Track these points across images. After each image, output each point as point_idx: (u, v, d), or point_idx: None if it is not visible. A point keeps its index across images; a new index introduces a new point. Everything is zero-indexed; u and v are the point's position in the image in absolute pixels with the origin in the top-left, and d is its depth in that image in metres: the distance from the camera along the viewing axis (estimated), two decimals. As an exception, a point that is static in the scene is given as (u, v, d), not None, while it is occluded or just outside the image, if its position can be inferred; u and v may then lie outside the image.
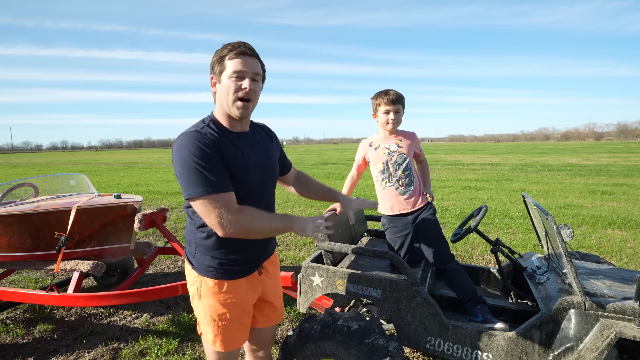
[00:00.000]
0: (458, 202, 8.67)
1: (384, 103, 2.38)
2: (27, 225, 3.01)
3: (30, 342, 2.93)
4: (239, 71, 1.39)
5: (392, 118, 2.38)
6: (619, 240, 5.35)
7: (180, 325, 3.11)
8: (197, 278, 1.53)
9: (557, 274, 2.13)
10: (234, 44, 1.41)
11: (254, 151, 1.53)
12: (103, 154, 75.24)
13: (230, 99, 1.41)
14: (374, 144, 2.49)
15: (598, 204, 8.11)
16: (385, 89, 2.42)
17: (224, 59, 1.41)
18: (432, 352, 2.01)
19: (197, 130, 1.39)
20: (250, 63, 1.41)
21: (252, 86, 1.42)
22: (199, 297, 1.53)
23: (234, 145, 1.46)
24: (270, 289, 1.72)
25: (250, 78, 1.41)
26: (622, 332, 1.62)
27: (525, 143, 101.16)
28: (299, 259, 4.78)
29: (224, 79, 1.41)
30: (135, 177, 17.04)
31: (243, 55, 1.40)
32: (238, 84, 1.40)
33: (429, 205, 2.48)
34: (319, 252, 2.48)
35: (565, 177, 13.48)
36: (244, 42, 1.43)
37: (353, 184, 2.67)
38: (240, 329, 1.58)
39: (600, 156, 25.88)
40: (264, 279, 1.67)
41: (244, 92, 1.40)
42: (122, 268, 3.98)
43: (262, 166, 1.55)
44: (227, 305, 1.51)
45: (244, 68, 1.39)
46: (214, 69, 1.45)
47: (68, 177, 4.09)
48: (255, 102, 1.48)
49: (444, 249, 2.38)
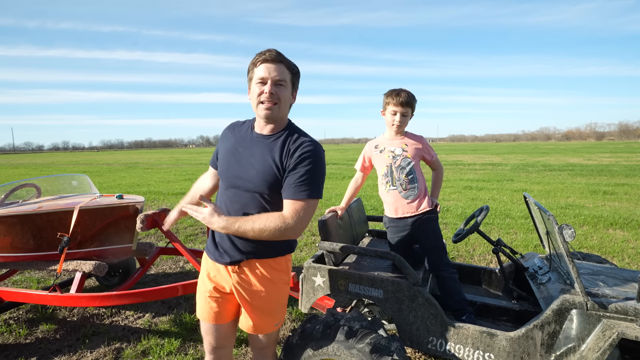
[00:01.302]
0: (459, 202, 8.67)
1: (393, 103, 2.35)
2: (30, 226, 3.02)
3: (33, 342, 2.94)
4: (262, 77, 1.51)
5: (398, 120, 2.36)
6: (621, 241, 5.34)
7: (182, 326, 3.11)
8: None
9: (559, 274, 2.13)
10: (261, 52, 1.53)
11: (254, 155, 1.58)
12: (104, 154, 75.40)
13: (254, 103, 1.55)
14: (380, 146, 2.48)
15: (599, 204, 8.10)
16: (398, 89, 2.38)
17: (253, 66, 1.54)
18: (434, 352, 2.01)
19: (236, 121, 1.76)
20: (272, 69, 1.50)
21: (274, 90, 1.50)
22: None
23: (240, 140, 1.64)
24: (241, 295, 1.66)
25: (272, 83, 1.50)
26: (624, 333, 1.63)
27: (527, 143, 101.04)
28: (300, 259, 4.79)
29: (252, 85, 1.55)
30: (136, 177, 17.07)
31: (265, 62, 1.51)
32: (261, 89, 1.51)
33: (433, 210, 2.45)
34: (321, 253, 2.48)
35: (567, 177, 13.46)
36: (270, 49, 1.53)
37: (357, 189, 2.63)
38: (201, 302, 1.73)
39: (602, 156, 25.84)
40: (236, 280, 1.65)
41: (264, 96, 1.51)
42: (124, 268, 3.99)
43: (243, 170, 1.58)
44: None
45: (266, 75, 1.50)
46: (248, 76, 1.59)
47: (70, 177, 4.11)
48: (282, 105, 1.54)
49: (440, 256, 2.36)
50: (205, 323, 1.73)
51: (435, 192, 2.58)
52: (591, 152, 31.57)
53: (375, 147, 2.50)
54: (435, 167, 2.57)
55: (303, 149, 1.53)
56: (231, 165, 1.61)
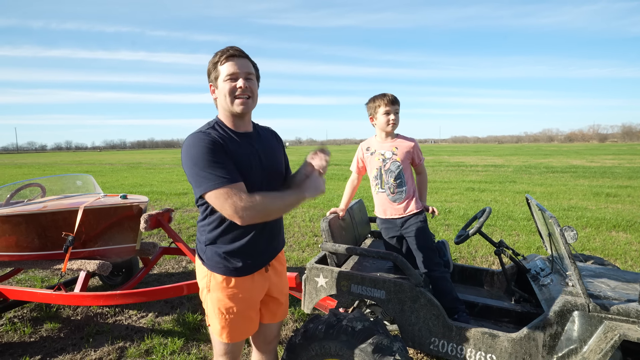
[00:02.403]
0: (461, 203, 8.66)
1: (384, 104, 2.40)
2: (35, 225, 3.04)
3: (37, 341, 2.97)
4: (231, 73, 1.49)
5: (393, 118, 2.40)
6: (624, 243, 5.33)
7: (185, 325, 3.13)
8: (207, 273, 1.60)
9: (561, 276, 2.14)
10: (223, 50, 1.51)
11: (258, 150, 1.60)
12: (107, 154, 75.64)
13: (228, 100, 1.51)
14: (371, 148, 2.52)
15: (602, 206, 8.08)
16: (381, 93, 2.45)
17: (216, 65, 1.51)
18: (436, 352, 2.02)
19: (203, 132, 1.49)
20: (240, 64, 1.50)
21: (247, 84, 1.50)
22: (208, 290, 1.61)
23: (238, 144, 1.54)
24: (277, 286, 1.76)
25: (244, 77, 1.50)
26: (626, 334, 1.63)
27: (529, 144, 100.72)
28: (302, 260, 4.80)
29: (220, 83, 1.51)
30: (138, 177, 17.13)
31: (232, 57, 1.49)
32: (232, 85, 1.49)
33: (421, 212, 2.47)
34: (323, 254, 2.50)
35: (569, 178, 13.43)
36: (231, 46, 1.52)
37: (354, 189, 2.67)
38: (246, 322, 1.65)
39: (605, 158, 25.75)
40: (270, 276, 1.72)
41: (239, 90, 1.49)
42: (127, 268, 4.01)
43: (266, 165, 1.61)
44: (234, 299, 1.59)
45: (236, 70, 1.49)
46: (210, 77, 1.55)
47: (74, 177, 4.14)
48: (254, 98, 1.56)
49: (429, 257, 2.38)
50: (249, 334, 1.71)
51: (423, 196, 2.61)
52: (594, 154, 31.47)
53: (367, 150, 2.54)
54: (420, 170, 2.61)
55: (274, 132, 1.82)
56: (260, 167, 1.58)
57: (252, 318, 1.67)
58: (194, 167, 1.41)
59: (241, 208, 1.39)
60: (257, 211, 1.41)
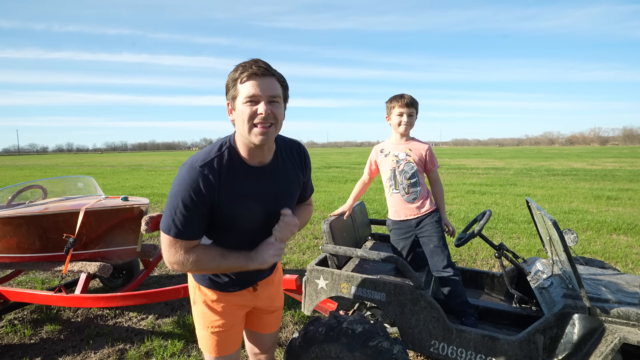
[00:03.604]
0: (462, 206, 8.66)
1: (399, 106, 2.41)
2: (36, 227, 3.05)
3: (37, 343, 2.97)
4: (252, 95, 1.23)
5: (405, 120, 2.41)
6: (624, 246, 5.32)
7: (185, 327, 3.13)
8: (194, 284, 1.57)
9: (561, 278, 2.14)
10: (245, 65, 1.25)
11: (267, 190, 1.41)
12: (108, 156, 75.79)
13: (246, 127, 1.26)
14: (385, 150, 2.53)
15: (603, 209, 8.07)
16: (400, 93, 2.45)
17: (236, 82, 1.26)
18: (436, 355, 2.02)
19: (201, 168, 1.27)
20: (264, 85, 1.24)
21: (270, 109, 1.25)
22: (194, 302, 1.58)
23: (241, 185, 1.35)
24: (266, 301, 1.68)
25: (267, 101, 1.25)
26: (626, 337, 1.63)
27: (530, 147, 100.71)
28: (303, 262, 4.80)
29: (238, 105, 1.26)
30: (139, 179, 17.15)
31: (254, 76, 1.23)
32: (253, 110, 1.24)
33: (436, 211, 2.48)
34: (324, 256, 2.50)
35: (570, 181, 13.41)
36: (256, 60, 1.26)
37: (363, 187, 2.69)
38: (231, 337, 1.59)
39: (606, 161, 25.72)
40: (259, 294, 1.64)
41: (259, 117, 1.24)
42: (128, 270, 4.01)
43: (270, 207, 1.43)
44: (218, 313, 1.53)
45: (258, 92, 1.23)
46: (228, 95, 1.30)
47: (76, 179, 4.15)
48: (278, 126, 1.31)
49: (443, 257, 2.37)
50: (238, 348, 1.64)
51: (442, 208, 2.54)
52: (595, 157, 31.44)
53: (381, 152, 2.55)
54: (435, 179, 2.55)
55: (303, 152, 1.55)
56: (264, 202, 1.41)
57: (237, 332, 1.62)
58: (169, 199, 1.30)
59: (172, 261, 1.32)
60: (186, 269, 1.34)
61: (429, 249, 2.41)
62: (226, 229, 1.41)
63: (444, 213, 2.54)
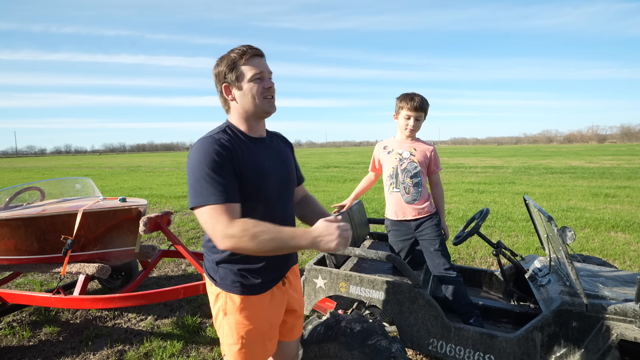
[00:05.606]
0: (460, 205, 8.67)
1: (407, 108, 2.36)
2: (34, 229, 3.05)
3: (36, 345, 2.96)
4: (260, 72, 1.40)
5: (412, 124, 2.38)
6: (622, 243, 5.34)
7: (185, 328, 3.13)
8: (222, 295, 1.46)
9: (559, 276, 2.14)
10: (242, 49, 1.40)
11: (271, 157, 1.50)
12: (106, 157, 75.63)
13: (257, 101, 1.41)
14: (388, 147, 2.50)
15: (601, 207, 8.09)
16: (412, 93, 2.39)
17: (237, 64, 1.39)
18: (435, 353, 2.03)
19: (212, 136, 1.36)
20: (264, 63, 1.44)
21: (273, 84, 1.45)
22: (224, 314, 1.46)
23: (251, 150, 1.42)
24: (295, 300, 1.66)
25: (269, 77, 1.44)
26: (623, 334, 1.64)
27: (528, 146, 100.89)
28: (301, 261, 4.80)
29: (245, 84, 1.40)
30: (138, 180, 17.12)
31: (256, 57, 1.41)
32: (261, 86, 1.40)
33: (435, 214, 2.46)
34: (322, 255, 2.50)
35: (568, 179, 13.44)
36: (248, 45, 1.43)
37: (369, 184, 2.69)
38: (268, 344, 1.53)
39: (604, 159, 25.79)
40: (287, 290, 1.61)
41: (269, 91, 1.42)
42: (126, 271, 4.01)
43: (280, 173, 1.51)
44: (255, 320, 1.46)
45: (262, 69, 1.41)
46: (228, 77, 1.41)
47: (74, 181, 4.14)
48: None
49: (443, 260, 2.36)
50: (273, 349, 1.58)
51: (441, 211, 2.52)
52: (593, 155, 31.51)
53: (384, 148, 2.52)
54: (436, 182, 2.54)
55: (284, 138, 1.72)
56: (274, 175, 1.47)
57: (273, 339, 1.55)
58: (191, 175, 1.30)
59: (221, 234, 1.23)
60: (235, 244, 1.23)
61: (430, 252, 2.40)
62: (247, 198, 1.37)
63: (442, 216, 2.53)
